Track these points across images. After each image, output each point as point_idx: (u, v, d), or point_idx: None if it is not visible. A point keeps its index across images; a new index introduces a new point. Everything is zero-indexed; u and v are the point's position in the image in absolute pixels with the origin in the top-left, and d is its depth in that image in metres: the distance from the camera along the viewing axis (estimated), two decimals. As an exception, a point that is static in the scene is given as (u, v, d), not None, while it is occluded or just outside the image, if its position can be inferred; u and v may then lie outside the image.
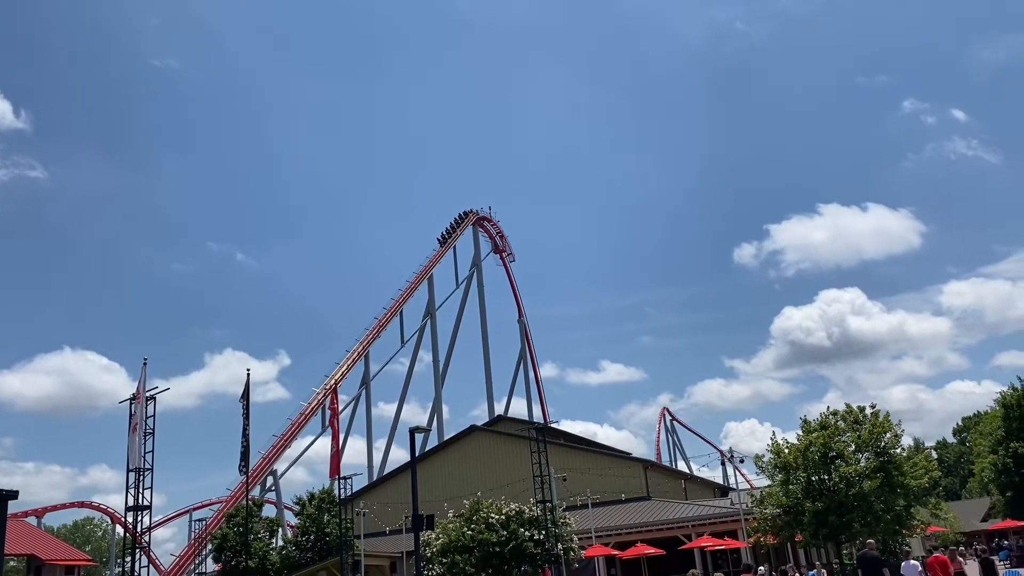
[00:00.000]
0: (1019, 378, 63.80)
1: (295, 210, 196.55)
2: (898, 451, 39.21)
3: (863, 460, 38.80)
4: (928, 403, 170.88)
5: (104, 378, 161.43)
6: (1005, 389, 63.46)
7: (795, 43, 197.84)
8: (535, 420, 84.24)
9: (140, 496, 28.09)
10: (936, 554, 23.39)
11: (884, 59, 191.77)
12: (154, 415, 29.15)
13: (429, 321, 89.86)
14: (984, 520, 68.34)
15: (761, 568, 39.18)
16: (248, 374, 36.18)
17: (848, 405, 41.01)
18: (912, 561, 23.85)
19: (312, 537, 47.05)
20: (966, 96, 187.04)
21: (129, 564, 28.41)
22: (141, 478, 28.16)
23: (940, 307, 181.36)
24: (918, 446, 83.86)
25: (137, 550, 28.01)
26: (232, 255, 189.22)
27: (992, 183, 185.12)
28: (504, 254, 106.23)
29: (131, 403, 28.85)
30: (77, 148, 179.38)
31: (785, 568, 20.36)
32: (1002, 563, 46.68)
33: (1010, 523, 56.85)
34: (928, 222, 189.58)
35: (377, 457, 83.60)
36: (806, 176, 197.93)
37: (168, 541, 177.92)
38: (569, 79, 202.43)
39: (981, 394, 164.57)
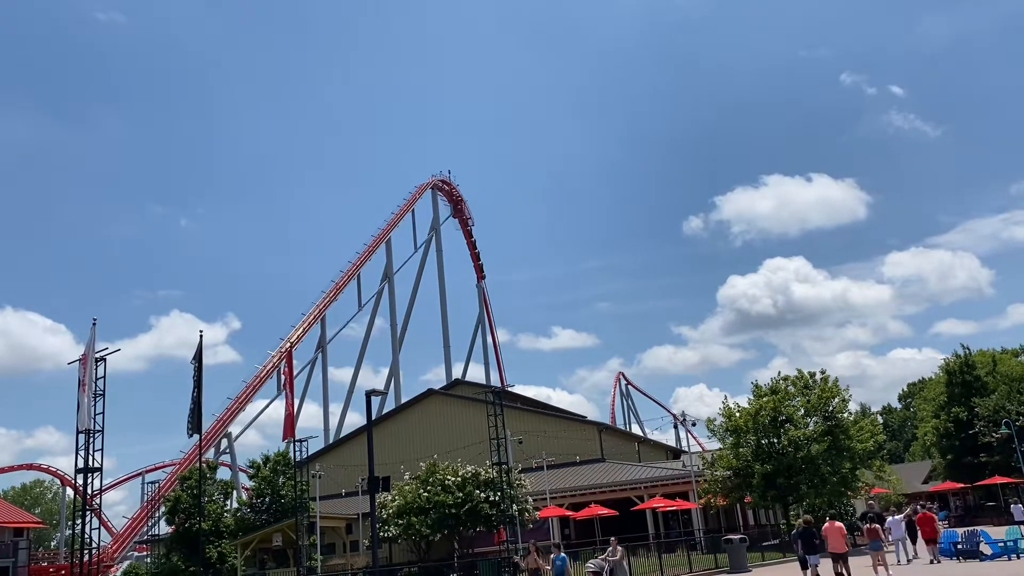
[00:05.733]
0: (963, 346, 65.93)
1: (244, 174, 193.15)
2: (845, 415, 40.24)
3: (811, 424, 39.76)
4: (871, 369, 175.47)
5: (48, 339, 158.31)
6: (948, 357, 65.40)
7: (736, 16, 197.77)
8: (492, 384, 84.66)
9: (91, 458, 27.68)
10: (924, 511, 29.68)
11: (827, 33, 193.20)
12: (104, 376, 28.64)
13: (387, 285, 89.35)
14: (925, 482, 70.74)
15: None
16: (201, 335, 35.62)
17: (799, 370, 41.88)
18: (897, 516, 29.67)
19: (267, 499, 46.93)
20: (906, 70, 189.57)
21: (80, 526, 28.05)
22: (91, 440, 27.72)
23: (883, 276, 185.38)
24: (864, 411, 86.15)
25: (88, 512, 27.66)
26: (175, 216, 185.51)
27: (935, 155, 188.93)
28: (463, 218, 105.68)
29: (80, 364, 28.28)
30: (15, 102, 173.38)
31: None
32: (941, 522, 48.41)
33: (950, 485, 58.91)
34: (874, 193, 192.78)
35: (333, 421, 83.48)
36: (749, 147, 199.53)
37: (119, 504, 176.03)
38: (517, 50, 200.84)
39: (922, 360, 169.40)
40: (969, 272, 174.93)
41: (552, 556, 22.44)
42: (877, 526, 24.21)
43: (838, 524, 21.79)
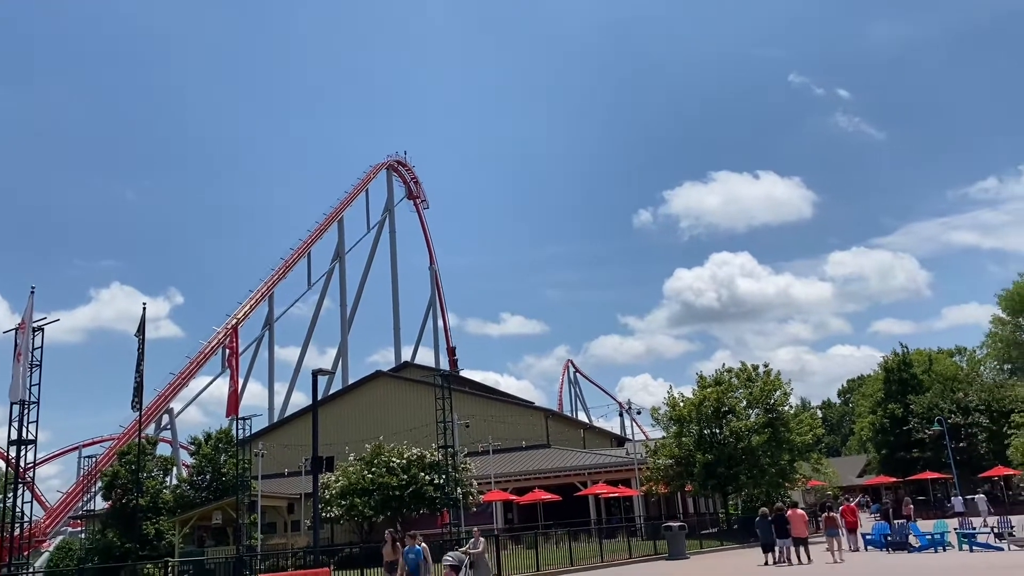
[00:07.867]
0: (901, 344, 67.84)
1: (190, 148, 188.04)
2: (786, 408, 41.17)
3: (753, 415, 40.60)
4: (811, 365, 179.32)
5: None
6: (887, 355, 67.28)
7: (690, 13, 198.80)
8: (442, 368, 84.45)
9: (24, 430, 27.01)
10: (848, 504, 31.67)
11: (779, 33, 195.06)
12: (41, 347, 27.96)
13: (338, 264, 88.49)
14: (860, 476, 72.76)
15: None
16: (144, 307, 34.92)
17: (743, 363, 42.68)
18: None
19: (208, 477, 46.30)
20: (852, 74, 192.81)
21: (11, 500, 27.37)
22: (26, 411, 27.05)
23: (826, 274, 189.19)
24: (804, 405, 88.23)
25: (20, 485, 27.01)
26: (117, 187, 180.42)
27: (879, 158, 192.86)
28: (418, 200, 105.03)
29: (16, 333, 27.55)
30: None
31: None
32: (873, 515, 49.86)
33: (883, 479, 60.67)
34: (819, 192, 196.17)
35: (278, 400, 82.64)
36: (699, 143, 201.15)
37: (53, 478, 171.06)
38: (476, 41, 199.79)
39: (860, 358, 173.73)
40: (908, 273, 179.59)
41: (405, 548, 18.78)
42: (835, 515, 26.89)
43: (800, 511, 25.20)
